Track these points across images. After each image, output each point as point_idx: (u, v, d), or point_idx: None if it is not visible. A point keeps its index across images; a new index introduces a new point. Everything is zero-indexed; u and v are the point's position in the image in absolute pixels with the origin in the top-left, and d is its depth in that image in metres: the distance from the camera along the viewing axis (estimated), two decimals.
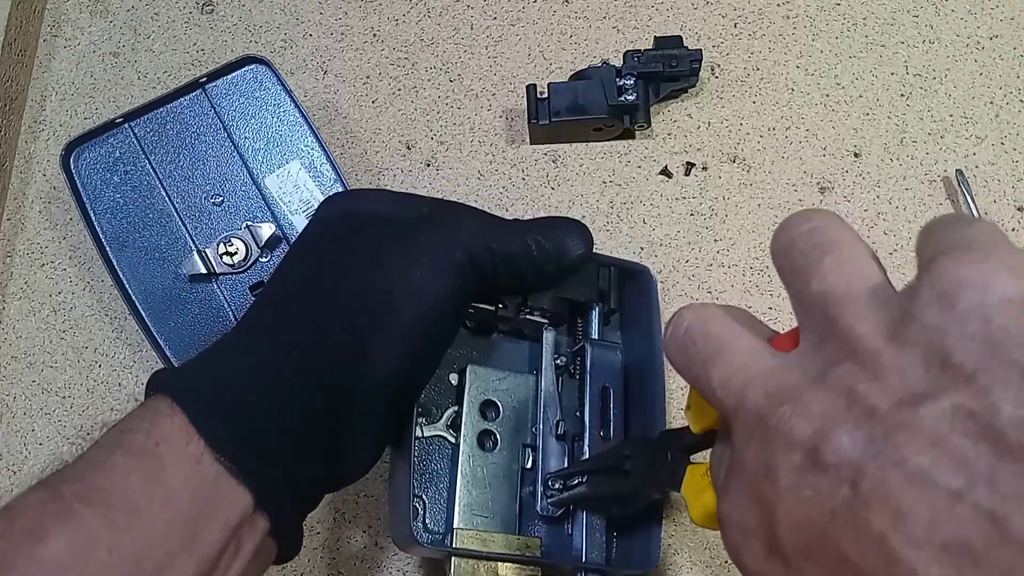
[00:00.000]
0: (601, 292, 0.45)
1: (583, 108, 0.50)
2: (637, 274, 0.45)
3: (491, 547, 0.39)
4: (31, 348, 0.48)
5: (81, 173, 0.46)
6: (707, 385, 0.27)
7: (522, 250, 0.37)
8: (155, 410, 0.31)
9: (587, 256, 0.39)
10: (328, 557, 0.45)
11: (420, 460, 0.42)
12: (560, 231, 0.38)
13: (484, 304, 0.42)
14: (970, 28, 0.55)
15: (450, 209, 0.39)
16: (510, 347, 0.45)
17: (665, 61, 0.50)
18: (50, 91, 0.54)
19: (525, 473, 0.42)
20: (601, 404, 0.43)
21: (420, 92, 0.53)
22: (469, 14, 0.55)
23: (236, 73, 0.47)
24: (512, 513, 0.41)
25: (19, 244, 0.50)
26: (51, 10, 0.56)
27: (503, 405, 0.43)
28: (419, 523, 0.40)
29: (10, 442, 0.47)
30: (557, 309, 0.44)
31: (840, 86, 0.53)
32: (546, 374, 0.43)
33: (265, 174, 0.47)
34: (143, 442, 0.30)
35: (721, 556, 0.45)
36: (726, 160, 0.52)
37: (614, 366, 0.44)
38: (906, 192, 0.51)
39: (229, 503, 0.31)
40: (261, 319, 0.36)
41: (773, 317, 0.49)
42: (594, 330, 0.45)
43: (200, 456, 0.30)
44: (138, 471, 0.30)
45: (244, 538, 0.31)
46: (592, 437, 0.42)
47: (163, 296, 0.45)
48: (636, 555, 0.41)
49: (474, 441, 0.42)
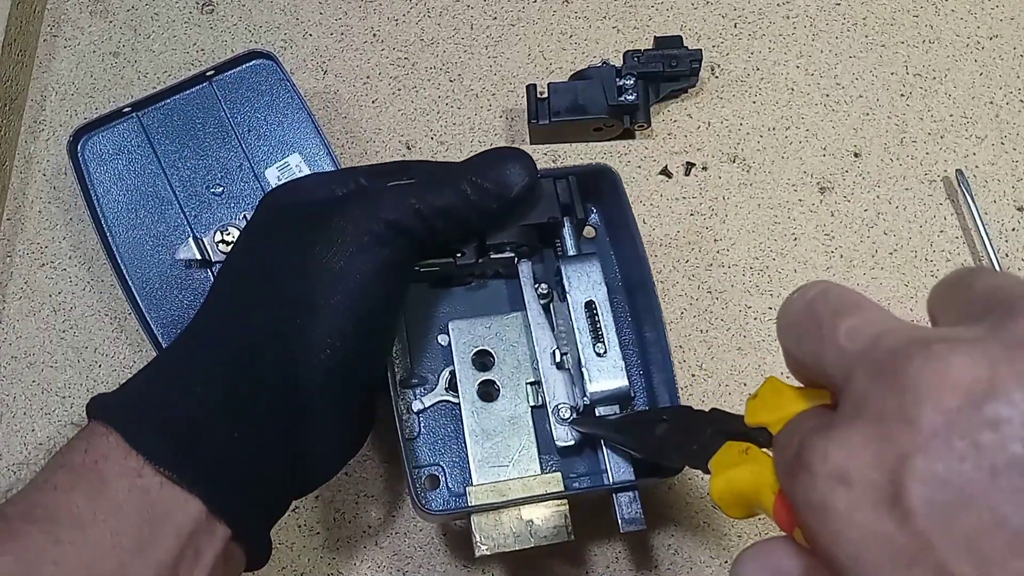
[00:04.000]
0: (565, 206, 0.42)
1: (583, 108, 0.50)
2: (598, 174, 0.43)
3: (508, 495, 0.39)
4: (31, 348, 0.48)
5: (87, 159, 0.47)
6: (830, 335, 0.23)
7: (456, 198, 0.36)
8: (91, 431, 0.32)
9: (532, 184, 0.37)
10: (328, 557, 0.45)
11: (428, 430, 0.42)
12: (497, 165, 0.37)
13: (440, 258, 0.40)
14: (970, 28, 0.55)
15: (384, 172, 0.38)
16: (490, 290, 0.44)
17: (665, 61, 0.50)
18: (50, 91, 0.54)
19: (535, 411, 0.41)
20: (590, 319, 0.41)
21: (420, 92, 0.53)
22: (469, 14, 0.55)
23: (242, 67, 0.48)
24: (531, 455, 0.40)
25: (19, 244, 0.50)
26: (51, 10, 0.56)
27: (496, 351, 0.42)
28: (438, 492, 0.41)
29: (10, 442, 0.47)
30: (524, 239, 0.41)
31: (840, 86, 0.53)
32: (531, 307, 0.42)
33: (266, 166, 0.48)
34: (82, 460, 0.31)
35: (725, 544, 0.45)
36: (726, 160, 0.52)
37: (594, 277, 0.41)
38: (906, 192, 0.51)
39: (179, 511, 0.31)
40: (197, 331, 0.36)
41: (773, 317, 0.49)
42: (570, 246, 0.43)
43: (140, 469, 0.31)
44: (80, 487, 0.30)
45: (202, 545, 0.31)
46: (588, 356, 0.40)
47: (158, 281, 0.46)
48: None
49: (474, 395, 0.41)
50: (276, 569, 0.45)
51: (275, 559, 0.45)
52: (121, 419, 0.32)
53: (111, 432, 0.31)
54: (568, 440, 0.40)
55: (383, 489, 0.46)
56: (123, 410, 0.32)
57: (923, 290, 0.49)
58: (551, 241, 0.44)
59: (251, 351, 0.34)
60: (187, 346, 0.36)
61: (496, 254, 0.41)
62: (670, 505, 0.46)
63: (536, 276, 0.43)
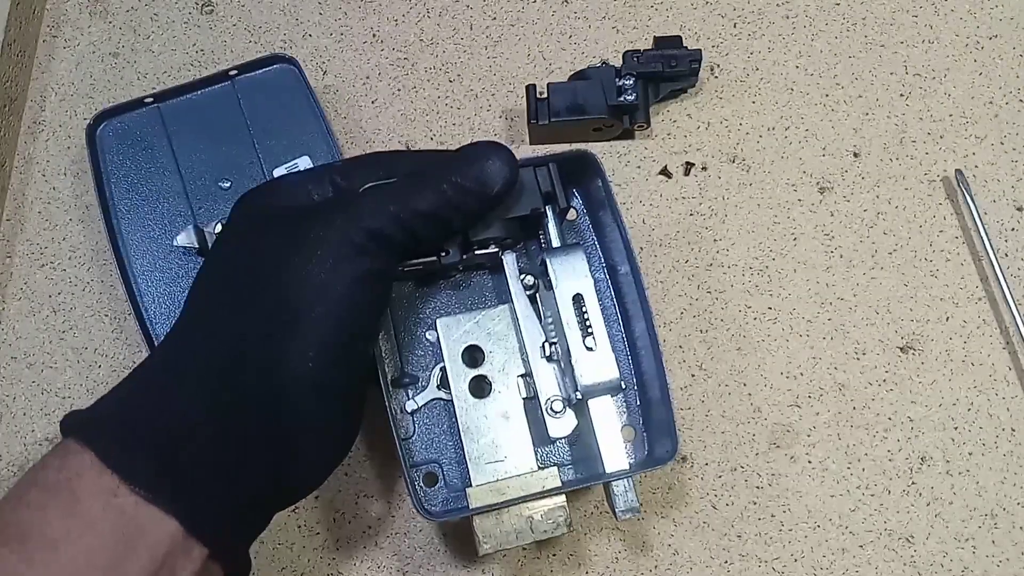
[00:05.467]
0: (547, 195, 0.41)
1: (583, 108, 0.50)
2: (578, 160, 0.42)
3: (508, 495, 0.38)
4: (31, 348, 0.48)
5: (104, 143, 0.48)
6: None
7: (437, 201, 0.35)
8: (66, 448, 0.31)
9: (513, 178, 0.36)
10: (328, 557, 0.45)
11: (423, 428, 0.42)
12: (477, 162, 0.36)
13: (423, 258, 0.40)
14: (970, 28, 0.55)
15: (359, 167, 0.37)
16: (474, 283, 0.44)
17: (665, 61, 0.50)
18: (50, 91, 0.54)
19: (527, 403, 0.41)
20: (578, 312, 0.40)
21: (420, 92, 0.53)
22: (469, 14, 0.55)
23: (265, 70, 0.50)
24: (527, 447, 0.40)
25: (19, 244, 0.50)
26: (51, 10, 0.56)
27: (485, 346, 0.42)
28: (437, 488, 0.41)
29: (10, 442, 0.47)
30: (507, 233, 0.40)
31: (840, 86, 0.53)
32: (518, 300, 0.41)
33: (275, 165, 0.48)
34: (56, 477, 0.30)
35: (724, 547, 0.45)
36: (726, 160, 0.52)
37: (580, 268, 0.41)
38: (906, 192, 0.51)
39: (154, 531, 0.30)
40: (176, 342, 0.35)
41: (772, 317, 0.49)
42: (553, 236, 0.42)
43: (116, 488, 0.30)
44: (53, 506, 0.30)
45: (178, 566, 0.31)
46: (577, 350, 0.39)
47: (155, 266, 0.47)
48: (657, 450, 0.41)
49: (466, 392, 0.41)
50: (276, 569, 0.45)
51: (275, 559, 0.45)
52: (96, 437, 0.31)
53: (85, 450, 0.31)
54: (562, 432, 0.40)
55: (383, 489, 0.46)
56: (98, 427, 0.32)
57: (923, 290, 0.49)
58: (534, 231, 0.43)
59: (235, 362, 0.33)
60: (167, 358, 0.35)
61: (480, 250, 0.41)
62: (670, 505, 0.46)
63: (520, 267, 0.43)
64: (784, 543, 0.45)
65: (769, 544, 0.45)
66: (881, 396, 0.48)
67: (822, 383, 0.48)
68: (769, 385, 0.48)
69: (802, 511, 0.46)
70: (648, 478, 0.46)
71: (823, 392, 0.48)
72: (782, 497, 0.46)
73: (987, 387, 0.48)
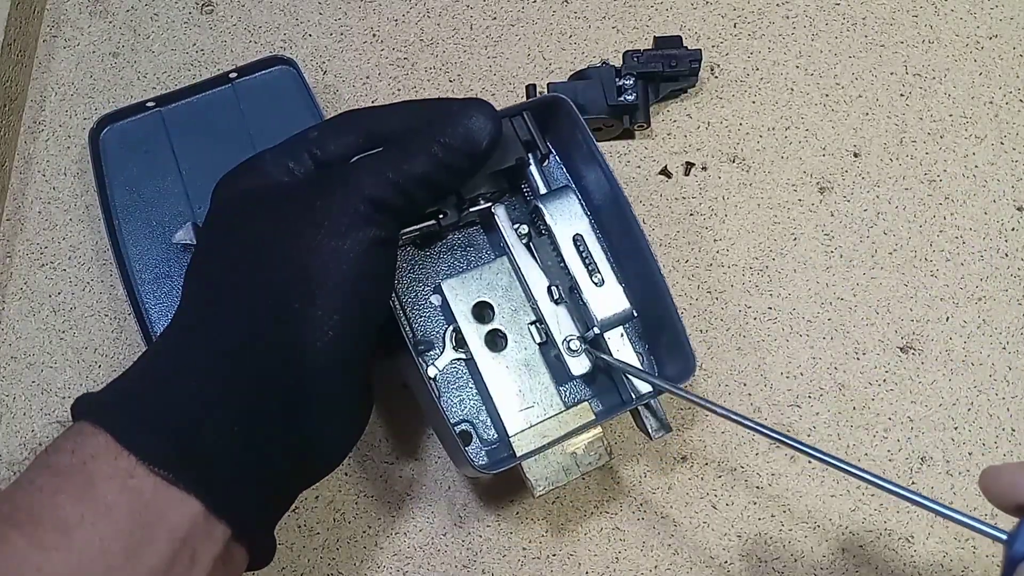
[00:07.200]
0: (527, 143, 0.42)
1: (583, 108, 0.50)
2: (550, 105, 0.43)
3: (550, 436, 0.40)
4: (31, 348, 0.48)
5: (107, 146, 0.49)
6: None
7: (429, 163, 0.35)
8: (79, 430, 0.30)
9: (498, 132, 0.36)
10: (328, 557, 0.45)
11: (447, 390, 0.43)
12: (462, 120, 0.36)
13: (422, 223, 0.41)
14: (970, 28, 0.55)
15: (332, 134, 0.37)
16: (467, 241, 0.45)
17: (665, 61, 0.50)
18: (50, 91, 0.54)
19: (544, 348, 0.42)
20: (580, 253, 0.41)
21: (420, 92, 0.53)
22: (469, 14, 0.55)
23: (265, 72, 0.50)
24: (551, 390, 0.42)
25: (19, 244, 0.50)
26: (51, 10, 0.56)
27: (493, 300, 0.43)
28: (472, 446, 0.42)
29: (10, 442, 0.47)
30: (496, 186, 0.42)
31: (840, 86, 0.53)
32: (516, 250, 0.43)
33: None
34: (69, 461, 0.29)
35: (721, 559, 0.45)
36: (726, 160, 0.52)
37: (574, 209, 0.42)
38: (906, 192, 0.51)
39: (174, 513, 0.30)
40: (184, 326, 0.35)
41: (772, 317, 0.49)
42: (539, 183, 0.43)
43: (132, 470, 0.29)
44: (66, 489, 0.29)
45: (199, 547, 0.30)
46: (587, 287, 0.41)
47: (155, 266, 0.47)
48: (676, 369, 0.42)
49: (484, 348, 0.42)
50: (276, 569, 0.45)
51: (275, 559, 0.45)
52: (111, 418, 0.30)
53: (100, 432, 0.30)
54: (584, 369, 0.42)
55: (383, 489, 0.46)
56: (112, 408, 0.31)
57: (922, 290, 0.49)
58: (518, 182, 0.44)
59: (250, 339, 0.33)
60: (176, 342, 0.34)
61: (474, 207, 0.42)
62: (670, 504, 0.46)
63: (515, 216, 0.44)
64: (784, 543, 0.45)
65: (769, 544, 0.45)
66: (881, 396, 0.48)
67: (822, 383, 0.48)
68: (769, 385, 0.48)
69: (802, 511, 0.46)
70: (648, 478, 0.46)
71: (823, 392, 0.48)
72: (782, 497, 0.46)
73: (987, 387, 0.48)
